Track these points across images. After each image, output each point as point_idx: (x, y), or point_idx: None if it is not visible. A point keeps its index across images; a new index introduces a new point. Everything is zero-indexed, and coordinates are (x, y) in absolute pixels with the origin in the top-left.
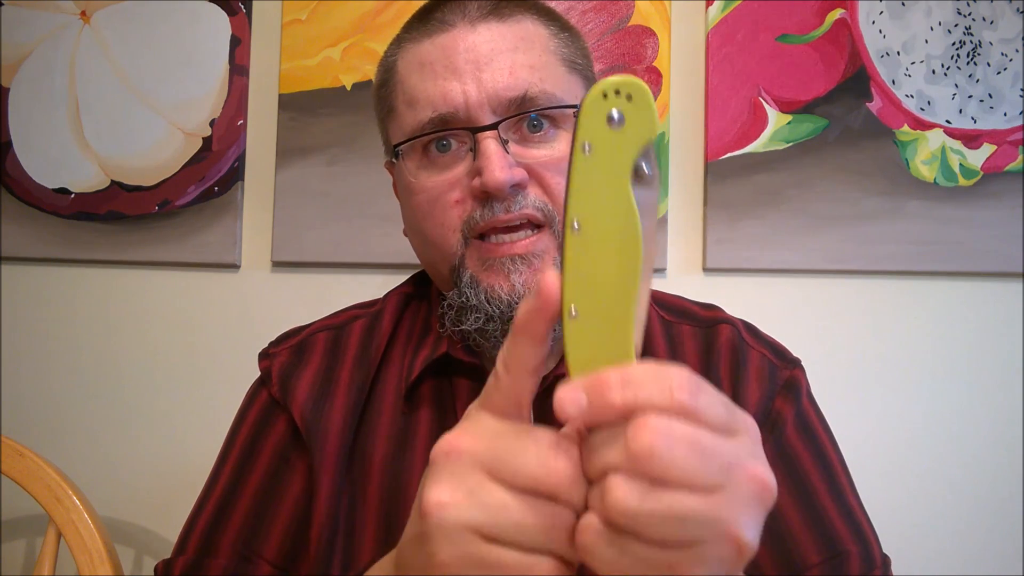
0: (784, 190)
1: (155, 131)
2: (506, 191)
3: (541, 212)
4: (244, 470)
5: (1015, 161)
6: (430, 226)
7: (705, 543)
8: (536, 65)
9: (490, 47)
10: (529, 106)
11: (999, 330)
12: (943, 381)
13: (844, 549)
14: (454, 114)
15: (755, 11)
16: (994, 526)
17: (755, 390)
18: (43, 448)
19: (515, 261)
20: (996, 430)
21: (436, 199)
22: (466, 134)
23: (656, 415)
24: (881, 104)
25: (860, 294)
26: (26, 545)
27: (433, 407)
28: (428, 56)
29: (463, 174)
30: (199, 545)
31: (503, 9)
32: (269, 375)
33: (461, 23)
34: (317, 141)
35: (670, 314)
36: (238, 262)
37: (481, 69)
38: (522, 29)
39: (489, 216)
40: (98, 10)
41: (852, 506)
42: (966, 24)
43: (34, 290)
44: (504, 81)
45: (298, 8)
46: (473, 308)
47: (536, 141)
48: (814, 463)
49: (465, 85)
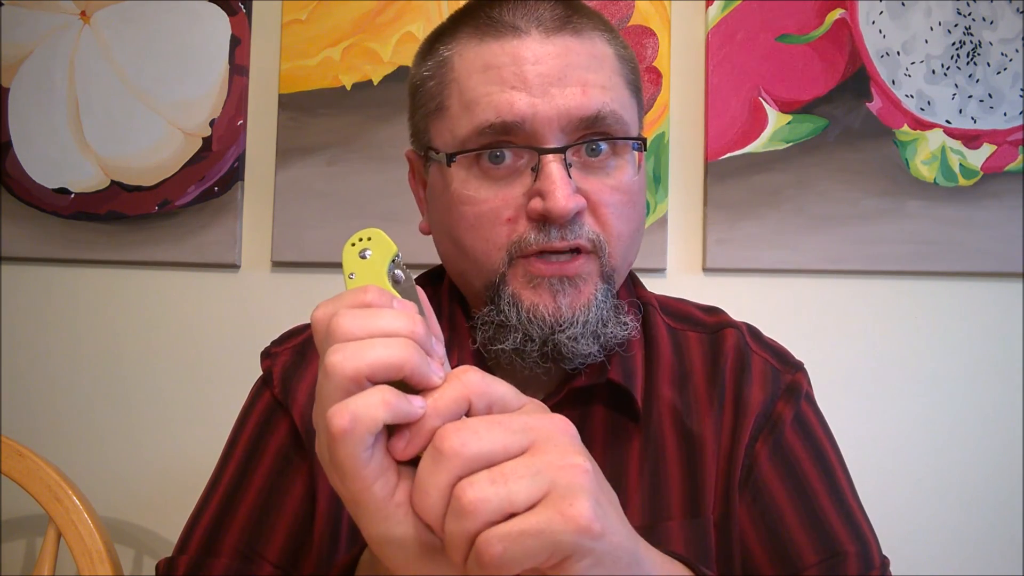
0: (784, 190)
1: (155, 131)
2: (568, 218)
3: (592, 242)
4: (247, 471)
5: (1015, 161)
6: (474, 240)
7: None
8: (607, 86)
9: (564, 62)
10: (599, 126)
11: (999, 330)
12: (943, 381)
13: (842, 550)
14: (518, 125)
15: (755, 11)
16: (994, 526)
17: (758, 395)
18: (43, 448)
19: (563, 282)
20: (996, 430)
21: (485, 214)
22: (529, 151)
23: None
24: (881, 104)
25: (860, 294)
26: (26, 545)
27: None
28: (495, 60)
29: (519, 192)
30: (201, 545)
31: (576, 22)
32: (271, 375)
33: (535, 32)
34: (317, 141)
35: (676, 321)
36: (238, 262)
37: (552, 84)
38: (594, 47)
39: (544, 241)
40: (98, 10)
41: (851, 507)
42: (966, 24)
43: (34, 290)
44: (577, 99)
45: (298, 8)
46: (513, 328)
47: (595, 168)
48: (813, 464)
49: (534, 98)
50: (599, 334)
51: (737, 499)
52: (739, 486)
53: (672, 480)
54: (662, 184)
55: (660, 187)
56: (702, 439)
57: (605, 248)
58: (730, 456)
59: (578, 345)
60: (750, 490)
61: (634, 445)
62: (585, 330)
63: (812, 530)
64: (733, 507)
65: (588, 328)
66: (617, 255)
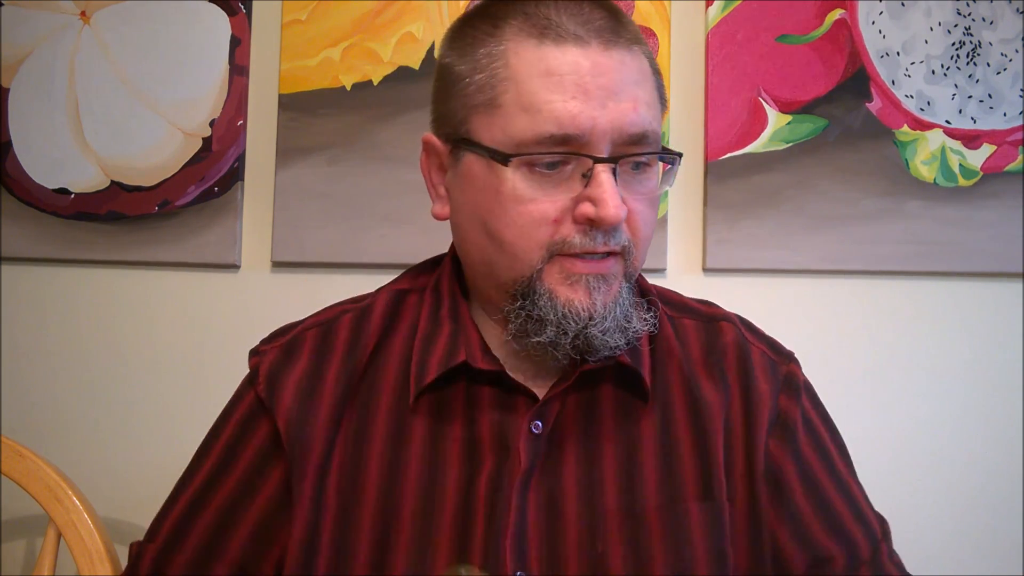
0: (784, 190)
1: (155, 131)
2: (616, 226)
3: (624, 247)
4: (222, 471)
5: (1015, 161)
6: (516, 236)
7: None
8: (650, 103)
9: (620, 76)
10: (644, 144)
11: (999, 330)
12: (943, 381)
13: (854, 538)
14: (578, 137)
15: (755, 11)
16: (994, 526)
17: (764, 387)
18: (43, 448)
19: (598, 280)
20: (996, 430)
21: (532, 213)
22: (585, 159)
23: None
24: (881, 104)
25: (860, 294)
26: (26, 545)
27: (433, 409)
28: (557, 67)
29: (567, 195)
30: (168, 537)
31: (626, 36)
32: (257, 373)
33: (595, 43)
34: (317, 141)
35: (672, 310)
36: (238, 262)
37: (610, 97)
38: (641, 63)
39: (589, 245)
40: (98, 10)
41: (855, 495)
42: (966, 24)
43: (34, 290)
44: (629, 116)
45: (298, 8)
46: (549, 322)
47: (634, 179)
48: (819, 461)
49: (594, 111)
50: (625, 328)
51: (763, 489)
52: (768, 482)
53: (685, 462)
54: None
55: None
56: (708, 424)
57: (632, 252)
58: (747, 445)
59: (608, 338)
60: (770, 484)
61: (646, 426)
62: (615, 325)
63: (827, 521)
64: (759, 495)
65: (616, 323)
66: (640, 258)
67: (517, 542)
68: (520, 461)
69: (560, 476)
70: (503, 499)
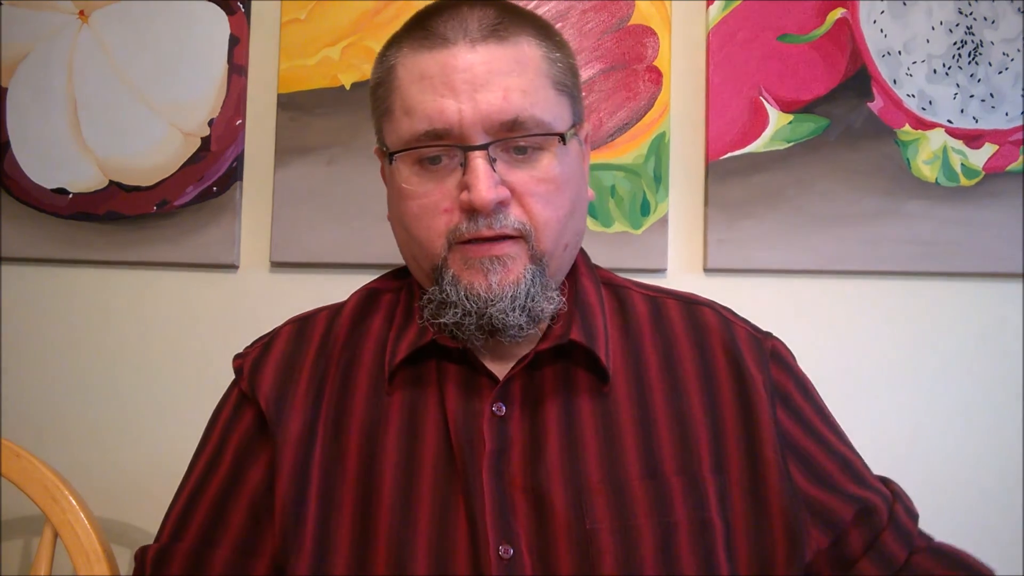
0: (784, 190)
1: (153, 131)
2: (491, 208)
3: (519, 231)
4: (213, 465)
5: (1016, 161)
6: (418, 229)
7: None
8: (528, 89)
9: (487, 68)
10: (519, 130)
11: (999, 330)
12: (943, 381)
13: (869, 481)
14: (448, 130)
15: (756, 11)
16: (994, 526)
17: (754, 362)
18: (41, 448)
19: (493, 262)
20: (996, 430)
21: (426, 206)
22: (457, 150)
23: None
24: (882, 104)
25: (860, 294)
26: (23, 545)
27: (410, 388)
28: (428, 70)
29: (453, 187)
30: (170, 533)
31: (502, 30)
32: (241, 371)
33: (462, 42)
34: (316, 141)
35: (651, 291)
36: (237, 262)
37: (477, 90)
38: (518, 51)
39: (474, 229)
40: (96, 10)
41: (854, 451)
42: (967, 24)
43: (33, 290)
44: (497, 104)
45: (297, 7)
46: (452, 304)
47: (520, 162)
48: (822, 422)
49: (461, 104)
50: (527, 307)
51: (775, 463)
52: (782, 450)
53: (664, 437)
54: (662, 184)
55: (660, 187)
56: (689, 398)
57: (532, 234)
58: (744, 419)
59: (508, 317)
60: (789, 453)
61: (623, 402)
62: (514, 304)
63: (853, 478)
64: (763, 470)
65: (516, 303)
66: (547, 239)
67: (500, 522)
68: (485, 443)
69: (543, 455)
70: (477, 481)
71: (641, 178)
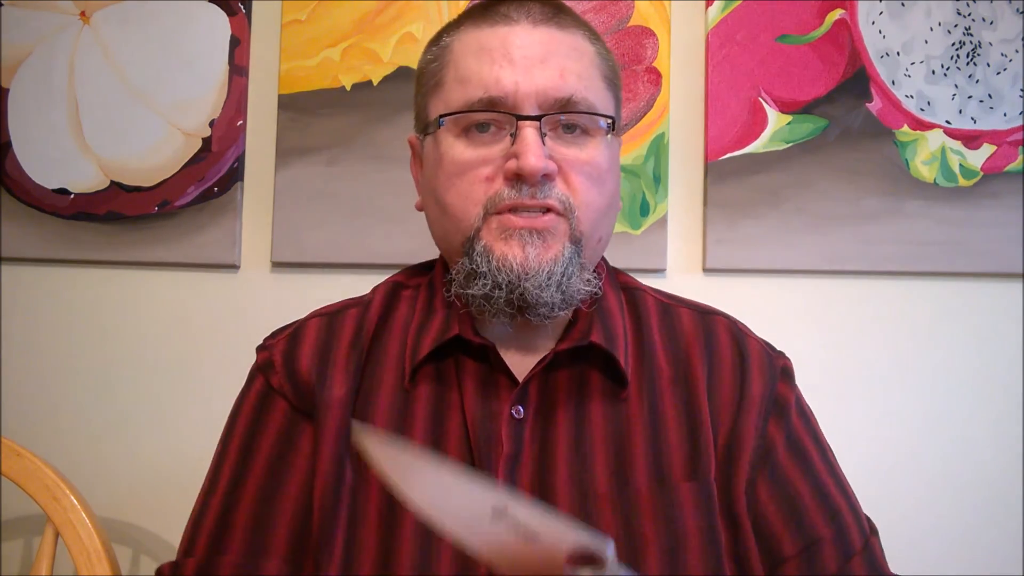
0: (784, 190)
1: (154, 131)
2: (538, 177)
3: (562, 204)
4: (246, 461)
5: (1015, 161)
6: (453, 196)
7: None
8: (583, 75)
9: (546, 48)
10: (572, 108)
11: (999, 330)
12: (943, 381)
13: (845, 521)
14: (503, 99)
15: (755, 11)
16: (994, 526)
17: (758, 378)
18: (42, 448)
19: (533, 235)
20: (996, 430)
21: (465, 172)
22: (508, 120)
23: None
24: (881, 104)
25: (860, 294)
26: (24, 545)
27: (433, 385)
28: (488, 43)
29: (498, 154)
30: (208, 544)
31: (562, 19)
32: (270, 363)
33: (524, 21)
34: (317, 141)
35: (666, 298)
36: (237, 262)
37: (535, 65)
38: (575, 41)
39: (516, 197)
40: (97, 10)
41: (844, 483)
42: (966, 24)
43: (33, 290)
44: (554, 81)
45: (298, 8)
46: (482, 275)
47: (569, 142)
48: (814, 446)
49: (517, 76)
50: (562, 286)
51: (746, 473)
52: (757, 463)
53: (673, 443)
54: (662, 184)
55: (660, 187)
56: (699, 406)
57: (574, 211)
58: (732, 431)
59: (543, 294)
60: (768, 468)
61: (635, 407)
62: (550, 281)
63: (822, 504)
64: (736, 477)
65: (553, 280)
66: (586, 221)
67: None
68: (503, 447)
69: (552, 460)
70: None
71: (640, 178)
